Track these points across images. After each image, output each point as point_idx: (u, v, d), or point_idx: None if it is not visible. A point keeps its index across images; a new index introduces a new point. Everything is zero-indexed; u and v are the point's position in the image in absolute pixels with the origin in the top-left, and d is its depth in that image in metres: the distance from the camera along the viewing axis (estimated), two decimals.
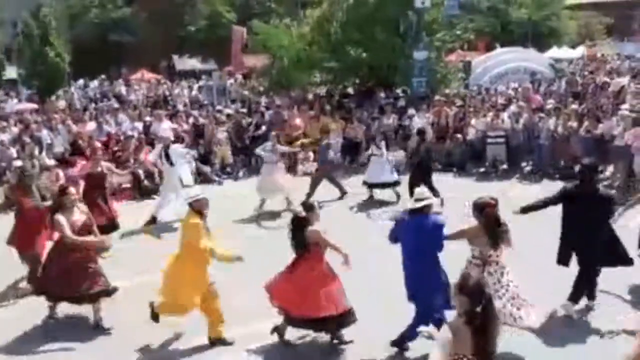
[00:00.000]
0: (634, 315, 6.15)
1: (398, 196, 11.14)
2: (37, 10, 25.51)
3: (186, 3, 40.24)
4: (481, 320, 3.41)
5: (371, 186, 11.44)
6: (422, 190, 5.70)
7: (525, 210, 6.35)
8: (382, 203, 11.19)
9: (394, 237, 5.71)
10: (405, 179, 10.87)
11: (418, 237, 5.41)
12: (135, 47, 38.50)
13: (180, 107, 18.29)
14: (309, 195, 10.76)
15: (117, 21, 39.32)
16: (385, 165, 11.33)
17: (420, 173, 10.30)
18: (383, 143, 11.55)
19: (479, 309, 3.41)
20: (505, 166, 13.29)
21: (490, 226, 5.40)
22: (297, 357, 5.86)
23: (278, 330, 5.92)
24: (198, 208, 5.88)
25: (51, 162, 12.29)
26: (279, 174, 11.16)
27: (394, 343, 5.68)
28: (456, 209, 5.84)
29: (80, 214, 6.44)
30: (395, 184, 11.27)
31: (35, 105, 20.86)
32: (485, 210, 5.43)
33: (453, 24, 18.88)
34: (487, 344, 3.43)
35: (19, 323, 6.61)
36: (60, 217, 6.23)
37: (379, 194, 11.47)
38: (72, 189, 6.52)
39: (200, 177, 13.40)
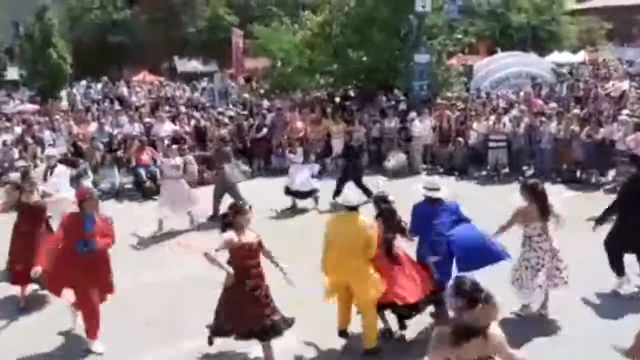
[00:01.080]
0: None
1: (316, 200, 11.06)
2: (42, 12, 25.47)
3: (186, 5, 40.31)
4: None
5: (290, 193, 11.04)
6: (432, 179, 6.32)
7: (600, 221, 6.90)
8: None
9: (412, 230, 6.03)
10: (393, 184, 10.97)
11: (444, 220, 5.88)
12: (135, 49, 38.55)
13: (183, 108, 18.34)
14: (214, 211, 10.11)
15: (118, 22, 39.41)
16: (303, 172, 11.02)
17: (352, 172, 11.13)
18: (300, 150, 11.45)
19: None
20: (506, 170, 13.30)
21: (542, 200, 6.07)
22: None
23: (435, 316, 6.05)
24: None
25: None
26: (180, 191, 10.01)
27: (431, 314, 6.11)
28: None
29: (251, 234, 5.58)
30: (312, 192, 11.00)
31: (37, 107, 20.88)
32: (537, 187, 6.14)
33: (453, 28, 18.92)
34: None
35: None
36: (227, 234, 5.40)
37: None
38: (248, 210, 5.62)
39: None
